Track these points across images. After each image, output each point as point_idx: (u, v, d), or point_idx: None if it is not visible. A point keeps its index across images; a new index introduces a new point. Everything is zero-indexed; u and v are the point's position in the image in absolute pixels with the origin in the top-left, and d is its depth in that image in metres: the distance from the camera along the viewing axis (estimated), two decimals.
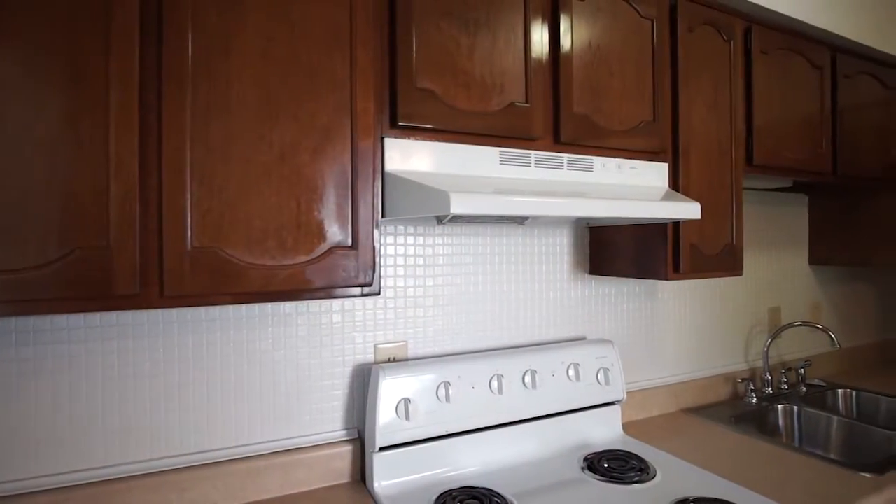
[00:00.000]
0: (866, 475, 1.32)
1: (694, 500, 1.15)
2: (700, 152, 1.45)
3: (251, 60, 0.90)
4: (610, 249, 1.58)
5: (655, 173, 1.35)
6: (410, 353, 1.38)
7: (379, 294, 1.03)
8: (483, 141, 1.13)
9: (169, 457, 1.12)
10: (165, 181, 0.83)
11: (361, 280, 0.99)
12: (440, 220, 1.38)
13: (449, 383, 1.28)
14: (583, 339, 1.65)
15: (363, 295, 1.01)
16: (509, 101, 1.15)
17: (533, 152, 1.17)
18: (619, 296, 1.74)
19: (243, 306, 1.20)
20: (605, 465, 1.33)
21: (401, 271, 1.37)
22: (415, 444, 1.26)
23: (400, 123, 1.03)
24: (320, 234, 0.95)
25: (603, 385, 1.50)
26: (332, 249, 0.96)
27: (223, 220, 0.87)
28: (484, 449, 1.35)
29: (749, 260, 2.11)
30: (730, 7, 1.58)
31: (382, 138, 1.03)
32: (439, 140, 1.08)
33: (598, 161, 1.26)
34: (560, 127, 1.21)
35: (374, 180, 1.00)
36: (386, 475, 1.22)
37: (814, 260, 2.32)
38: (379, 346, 1.34)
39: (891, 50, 2.00)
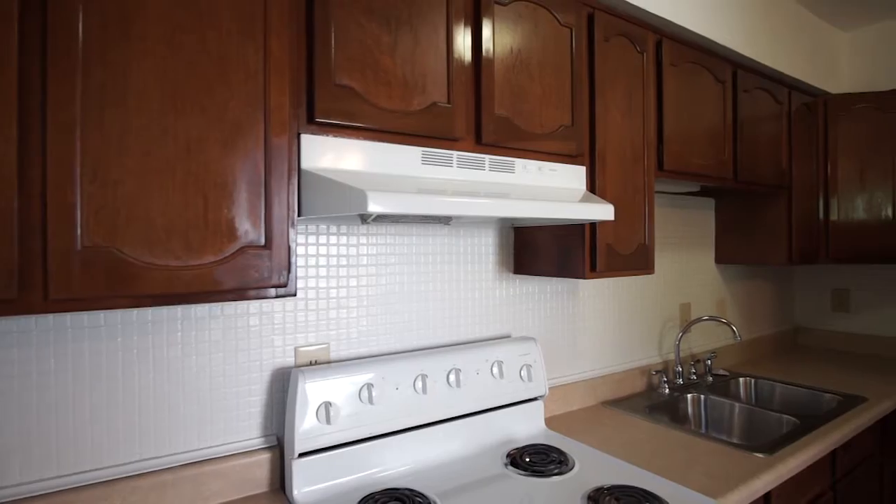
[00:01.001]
0: (760, 455, 1.44)
1: (608, 489, 1.21)
2: (615, 157, 1.52)
3: (154, 48, 0.84)
4: (533, 249, 1.63)
5: (574, 176, 1.40)
6: (333, 355, 1.35)
7: (295, 295, 1.00)
8: (405, 140, 1.12)
9: (60, 476, 1.03)
10: (50, 174, 0.76)
11: (276, 281, 0.95)
12: (364, 219, 1.36)
13: (372, 385, 1.26)
14: (507, 336, 1.68)
15: (278, 296, 0.97)
16: (431, 101, 1.15)
17: (455, 153, 1.18)
18: (542, 294, 1.79)
19: (149, 310, 1.12)
20: (527, 460, 1.37)
21: (323, 272, 1.34)
22: (336, 449, 1.23)
23: (318, 120, 1.00)
24: (230, 233, 0.91)
25: (526, 382, 1.54)
26: (243, 249, 0.92)
27: (119, 217, 0.81)
28: (408, 450, 1.34)
29: (662, 259, 2.24)
30: (643, 21, 1.67)
31: (299, 135, 1.00)
32: (359, 138, 1.06)
33: (520, 163, 1.29)
34: (482, 128, 1.23)
35: (289, 178, 0.97)
36: (306, 482, 1.18)
37: (719, 259, 2.51)
38: (299, 349, 1.30)
39: (782, 68, 2.20)
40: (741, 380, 2.29)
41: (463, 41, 1.20)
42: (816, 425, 1.67)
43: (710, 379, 2.22)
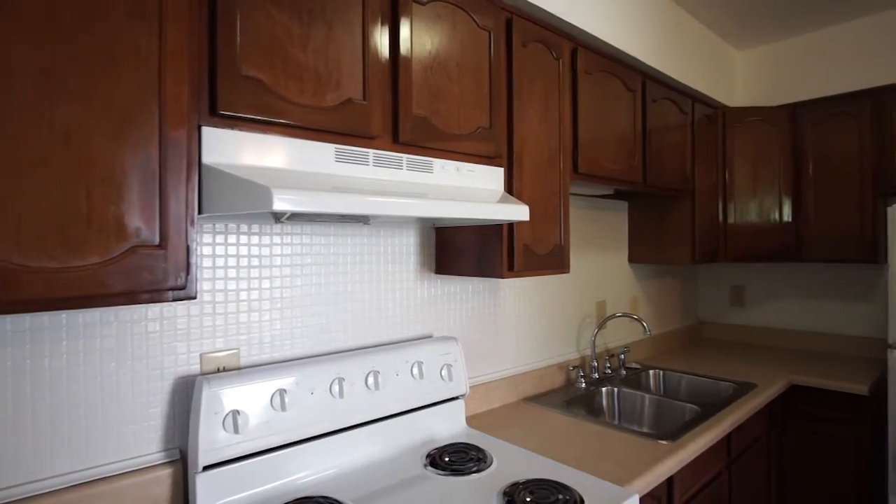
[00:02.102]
0: (664, 442, 1.53)
1: (523, 483, 1.23)
2: (532, 159, 1.56)
3: (29, 25, 0.75)
4: (454, 249, 1.64)
5: (492, 177, 1.43)
6: (244, 361, 1.28)
7: (195, 298, 0.93)
8: (318, 136, 1.09)
9: None
10: None
11: (172, 283, 0.88)
12: (278, 218, 1.31)
13: (285, 391, 1.21)
14: (429, 337, 1.68)
15: (176, 300, 0.90)
16: (346, 98, 1.12)
17: (371, 151, 1.16)
18: (464, 294, 1.81)
19: (26, 317, 1.01)
20: (447, 459, 1.37)
21: (232, 273, 1.27)
22: (246, 459, 1.17)
23: (221, 112, 0.95)
24: (119, 232, 0.83)
25: (447, 381, 1.55)
26: (134, 249, 0.84)
27: None
28: (325, 456, 1.30)
29: (580, 259, 2.34)
30: (559, 29, 1.73)
31: (200, 127, 0.94)
32: (267, 133, 1.01)
33: (438, 163, 1.29)
34: (399, 127, 1.22)
35: (188, 173, 0.91)
36: (212, 496, 1.11)
37: (632, 259, 2.66)
38: (206, 355, 1.22)
39: (686, 81, 2.37)
40: (651, 372, 2.44)
41: (380, 38, 1.19)
42: (714, 412, 1.81)
43: (624, 372, 2.34)
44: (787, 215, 2.65)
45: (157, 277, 0.87)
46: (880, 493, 2.32)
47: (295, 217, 1.29)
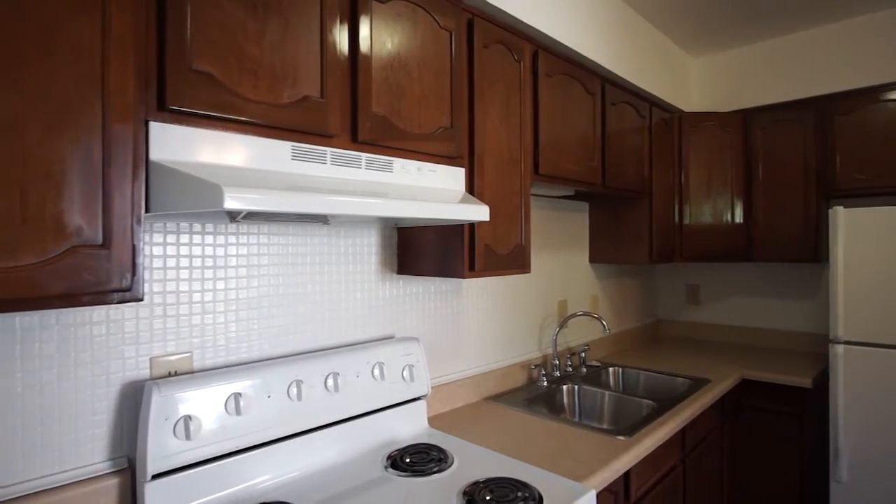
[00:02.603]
0: (621, 438, 1.57)
1: (483, 482, 1.24)
2: (493, 160, 1.57)
3: None
4: (416, 250, 1.63)
5: (453, 177, 1.43)
6: (197, 364, 1.24)
7: (141, 300, 0.90)
8: (273, 134, 1.06)
9: None
10: None
11: (116, 284, 0.85)
12: (233, 217, 1.27)
13: (240, 394, 1.18)
14: (391, 337, 1.67)
15: (122, 302, 0.87)
16: (303, 95, 1.10)
17: (329, 149, 1.14)
18: (426, 294, 1.80)
19: None
20: (408, 461, 1.36)
21: (185, 274, 1.23)
22: (199, 466, 1.13)
23: (171, 107, 0.91)
24: (58, 231, 0.79)
25: (408, 382, 1.54)
26: (74, 249, 0.80)
27: None
28: (283, 460, 1.27)
29: (542, 259, 2.37)
30: (520, 31, 1.75)
31: (147, 122, 0.90)
32: (220, 129, 0.98)
33: (398, 162, 1.28)
34: (358, 126, 1.20)
35: (134, 169, 0.87)
36: None
37: (593, 259, 2.72)
38: (156, 359, 1.17)
39: (644, 86, 2.43)
40: (611, 370, 2.49)
41: (338, 35, 1.17)
42: (670, 407, 1.86)
43: (584, 370, 2.38)
44: (739, 217, 2.75)
45: (99, 278, 0.83)
46: (823, 480, 2.44)
47: (251, 216, 1.25)
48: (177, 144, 0.92)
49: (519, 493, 1.18)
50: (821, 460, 2.43)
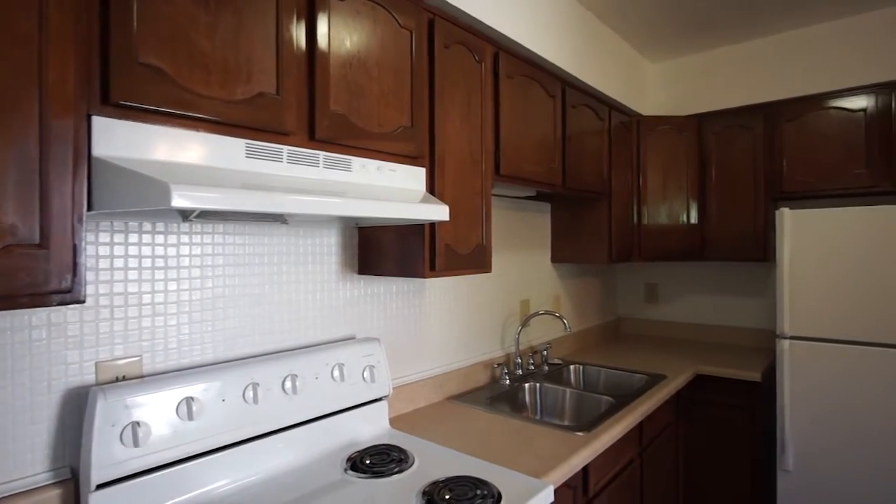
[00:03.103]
0: (580, 434, 1.60)
1: (443, 481, 1.24)
2: (454, 160, 1.58)
3: None
4: (377, 249, 1.62)
5: (413, 177, 1.43)
6: (147, 368, 1.20)
7: (83, 302, 0.86)
8: (226, 131, 1.04)
9: None
10: None
11: (56, 285, 0.81)
12: (185, 216, 1.23)
13: (193, 398, 1.15)
14: (352, 338, 1.65)
15: (62, 304, 0.83)
16: (258, 91, 1.08)
17: (285, 147, 1.12)
18: (388, 294, 1.79)
19: None
20: (368, 462, 1.35)
21: (134, 275, 1.18)
22: (148, 474, 1.09)
23: (115, 101, 0.88)
24: None
25: (369, 383, 1.53)
26: (8, 248, 0.76)
27: None
28: (240, 465, 1.24)
29: (504, 259, 2.39)
30: (482, 33, 1.76)
31: (90, 116, 0.87)
32: (169, 125, 0.95)
33: (357, 161, 1.27)
34: (316, 124, 1.19)
35: (75, 166, 0.84)
36: None
37: (554, 258, 2.76)
38: (102, 363, 1.13)
39: (604, 89, 2.49)
40: (572, 367, 2.54)
41: (295, 31, 1.15)
42: (627, 403, 1.91)
43: (546, 368, 2.42)
44: (694, 218, 2.85)
45: (37, 280, 0.79)
46: (771, 469, 2.56)
47: (205, 216, 1.22)
48: (122, 140, 0.89)
49: (478, 491, 1.19)
50: (770, 450, 2.54)
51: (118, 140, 0.89)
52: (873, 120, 2.39)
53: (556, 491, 1.39)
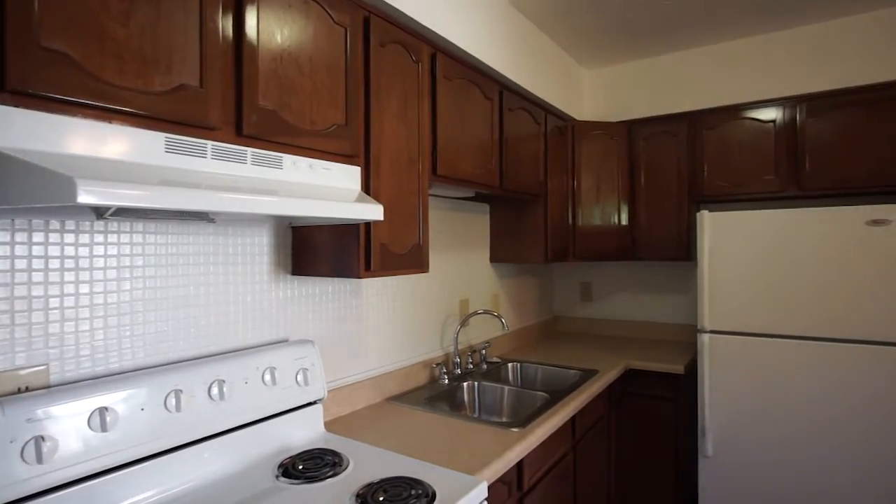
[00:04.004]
0: (515, 430, 1.63)
1: (377, 483, 1.23)
2: (390, 160, 1.57)
3: None
4: (312, 249, 1.58)
5: (348, 176, 1.41)
6: (55, 378, 1.11)
7: None
8: (143, 123, 0.98)
9: None
10: None
11: None
12: (100, 214, 1.16)
13: (107, 409, 1.08)
14: (285, 341, 1.61)
15: None
16: (179, 83, 1.02)
17: (210, 142, 1.07)
18: (324, 295, 1.76)
19: None
20: (300, 467, 1.32)
21: (39, 277, 1.09)
22: (57, 491, 1.01)
23: (11, 88, 0.81)
24: None
25: (303, 386, 1.49)
26: None
27: None
28: (163, 476, 1.18)
29: (444, 259, 2.41)
30: (419, 33, 1.76)
31: None
32: (78, 116, 0.89)
33: (288, 159, 1.24)
34: (243, 119, 1.14)
35: None
36: None
37: (493, 258, 2.81)
38: (1, 374, 1.03)
39: (540, 94, 2.56)
40: (510, 365, 2.59)
41: (220, 23, 1.10)
42: (561, 398, 1.97)
43: (485, 367, 2.46)
44: (625, 219, 2.99)
45: None
46: (694, 456, 2.72)
47: (122, 213, 1.15)
48: (20, 130, 0.82)
49: (412, 491, 1.19)
50: (692, 438, 2.70)
51: (17, 130, 0.82)
52: (781, 130, 2.60)
53: (491, 486, 1.41)
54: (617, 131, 2.98)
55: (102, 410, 1.07)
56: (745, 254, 2.35)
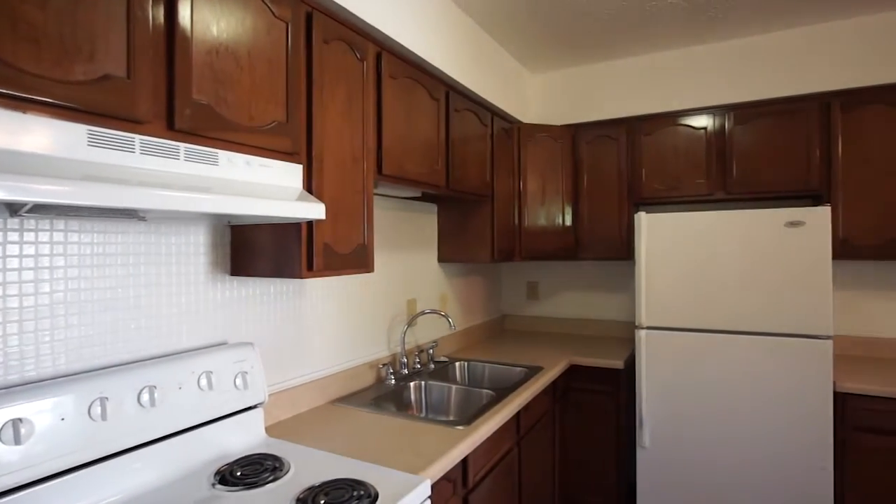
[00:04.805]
0: (460, 428, 1.65)
1: (318, 486, 1.21)
2: (334, 158, 1.55)
3: None
4: (252, 249, 1.54)
5: (289, 174, 1.37)
6: None
7: None
8: (63, 115, 0.92)
9: None
10: None
11: None
12: (14, 211, 1.08)
13: (21, 420, 1.00)
14: (223, 344, 1.55)
15: None
16: (103, 73, 0.97)
17: (138, 136, 1.02)
18: (265, 296, 1.71)
19: None
20: (239, 474, 1.28)
21: None
22: None
23: None
24: None
25: (242, 390, 1.45)
26: None
27: None
28: (89, 490, 1.11)
29: (391, 259, 2.40)
30: (364, 31, 1.75)
31: None
32: None
33: (225, 155, 1.20)
34: (175, 112, 1.10)
35: None
36: None
37: (441, 258, 2.82)
38: None
39: (487, 96, 2.59)
40: (457, 364, 2.61)
41: (151, 11, 1.05)
42: (506, 395, 2.01)
43: (432, 366, 2.47)
44: (569, 220, 3.08)
45: None
46: (632, 446, 2.84)
47: (41, 210, 1.08)
48: None
49: (354, 493, 1.18)
50: (632, 430, 2.81)
51: None
52: (712, 137, 2.76)
53: (435, 485, 1.42)
54: (561, 134, 3.07)
55: (16, 422, 1.00)
56: (677, 253, 2.48)
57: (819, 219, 2.21)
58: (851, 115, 2.47)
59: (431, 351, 2.48)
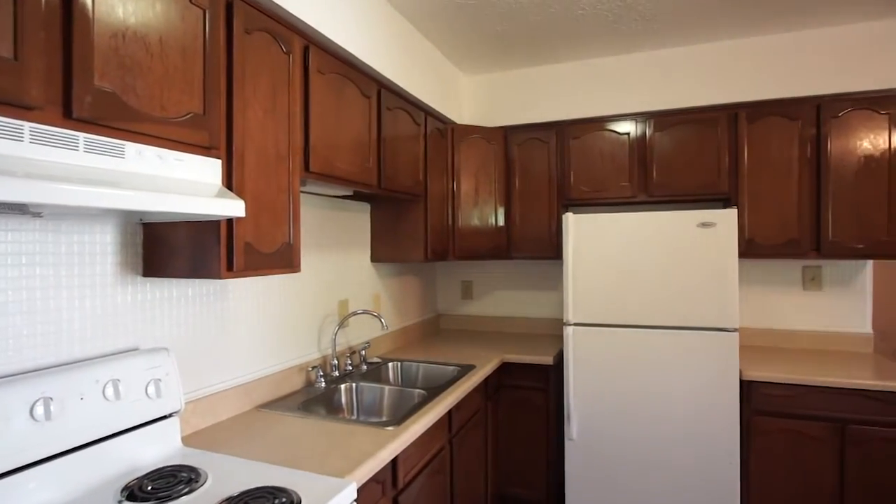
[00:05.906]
0: (390, 428, 1.64)
1: (237, 496, 1.16)
2: (256, 154, 1.49)
3: None
4: (167, 248, 1.45)
5: (207, 169, 1.30)
6: None
7: None
8: None
9: None
10: None
11: None
12: None
13: None
14: (135, 350, 1.45)
15: None
16: None
17: (28, 124, 0.93)
18: (182, 298, 1.62)
19: None
20: (150, 488, 1.20)
21: None
22: None
23: None
24: None
25: (154, 399, 1.36)
26: None
27: None
28: None
29: (322, 259, 2.34)
30: (289, 23, 1.70)
31: None
32: None
33: (133, 147, 1.12)
34: (74, 100, 1.01)
35: None
36: None
37: (374, 258, 2.79)
38: None
39: (420, 96, 2.59)
40: (391, 364, 2.60)
41: None
42: (438, 394, 2.02)
43: (365, 367, 2.43)
44: (501, 220, 3.14)
45: None
46: (561, 438, 2.94)
47: None
48: None
49: (276, 501, 1.13)
50: (560, 423, 2.91)
51: None
52: (635, 142, 2.91)
53: (363, 487, 1.40)
54: (494, 136, 3.12)
55: None
56: (601, 252, 2.59)
57: (727, 220, 2.39)
58: (755, 125, 2.68)
59: (364, 352, 2.45)
